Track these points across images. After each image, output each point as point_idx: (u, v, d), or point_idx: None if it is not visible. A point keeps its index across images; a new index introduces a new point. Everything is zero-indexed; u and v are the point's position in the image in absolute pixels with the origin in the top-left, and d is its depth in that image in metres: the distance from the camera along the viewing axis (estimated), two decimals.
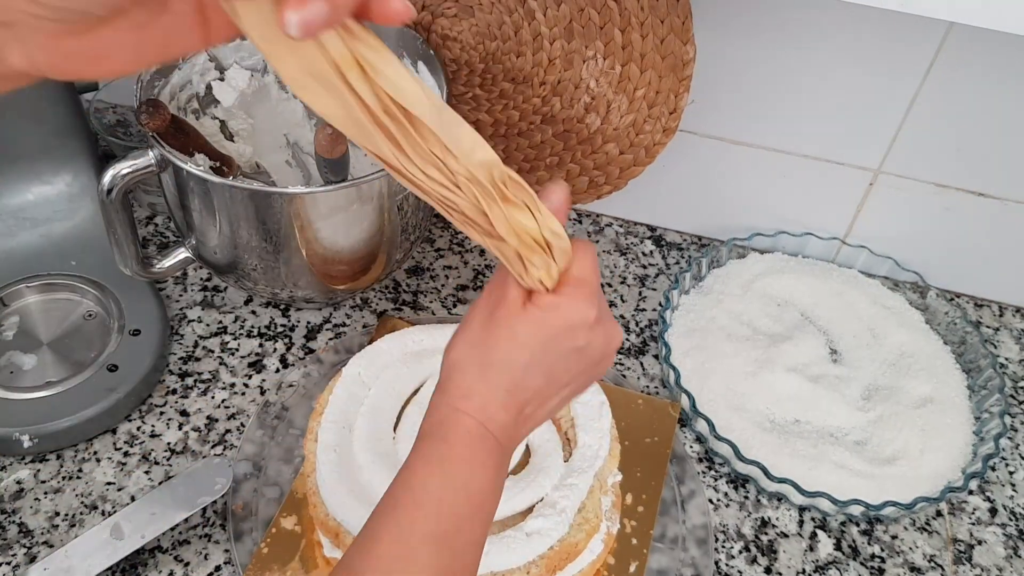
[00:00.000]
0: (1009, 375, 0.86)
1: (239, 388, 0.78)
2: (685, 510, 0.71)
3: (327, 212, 0.70)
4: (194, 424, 0.75)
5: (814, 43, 0.78)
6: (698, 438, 0.78)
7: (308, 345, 0.81)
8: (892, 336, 0.84)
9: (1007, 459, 0.80)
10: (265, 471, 0.70)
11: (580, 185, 0.89)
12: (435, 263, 0.90)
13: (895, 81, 0.79)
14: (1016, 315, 0.92)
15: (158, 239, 0.89)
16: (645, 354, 0.84)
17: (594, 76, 0.82)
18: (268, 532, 0.66)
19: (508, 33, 0.81)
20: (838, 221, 0.91)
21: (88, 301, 0.80)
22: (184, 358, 0.79)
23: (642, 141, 0.84)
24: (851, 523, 0.74)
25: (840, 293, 0.87)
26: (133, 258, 0.74)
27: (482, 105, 0.87)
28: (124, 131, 0.93)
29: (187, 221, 0.74)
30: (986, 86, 0.77)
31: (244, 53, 0.82)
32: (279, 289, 0.77)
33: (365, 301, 0.86)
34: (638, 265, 0.92)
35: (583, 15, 0.78)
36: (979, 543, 0.73)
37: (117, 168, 0.68)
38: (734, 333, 0.83)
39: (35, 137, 0.79)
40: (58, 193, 0.81)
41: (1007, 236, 0.87)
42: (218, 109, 0.83)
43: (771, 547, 0.71)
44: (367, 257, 0.76)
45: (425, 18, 0.82)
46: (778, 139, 0.86)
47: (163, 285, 0.85)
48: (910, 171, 0.85)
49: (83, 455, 0.72)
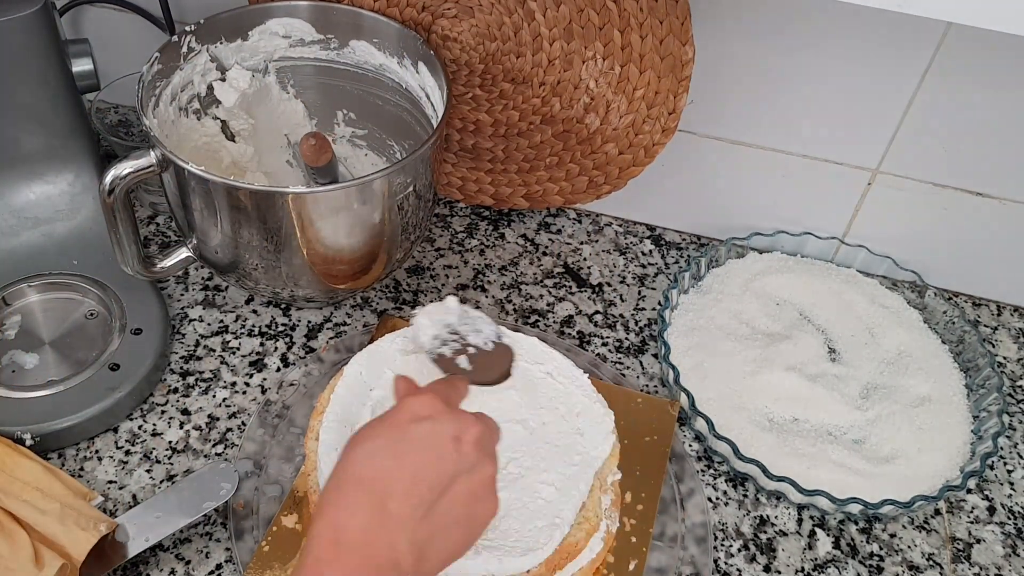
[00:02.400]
0: (1007, 374, 0.87)
1: (240, 387, 0.78)
2: (684, 508, 0.71)
3: (328, 212, 0.70)
4: (195, 423, 0.75)
5: (813, 43, 0.79)
6: (697, 437, 0.78)
7: (309, 344, 0.82)
8: (890, 335, 0.84)
9: (1005, 458, 0.80)
10: (266, 470, 0.71)
11: (579, 185, 0.89)
12: (435, 262, 0.90)
13: (893, 81, 0.79)
14: (1014, 314, 0.92)
15: (159, 238, 0.90)
16: (644, 353, 0.84)
17: (593, 76, 0.82)
18: (269, 531, 0.66)
19: (508, 34, 0.82)
20: (836, 221, 0.91)
21: (90, 300, 0.80)
22: (185, 357, 0.80)
23: (641, 141, 0.84)
24: (850, 521, 0.74)
25: (838, 292, 0.87)
26: (135, 257, 0.74)
27: (482, 105, 0.87)
28: (126, 131, 0.93)
29: (188, 221, 0.74)
30: (984, 86, 0.78)
31: (245, 54, 0.82)
32: (280, 288, 0.77)
33: (366, 300, 0.86)
34: (637, 264, 0.93)
35: (582, 16, 0.79)
36: (978, 542, 0.74)
37: (118, 168, 0.68)
38: (733, 332, 0.83)
39: (37, 137, 0.79)
40: (60, 193, 0.82)
41: (1005, 235, 0.87)
42: (219, 109, 0.83)
43: (770, 545, 0.72)
44: (368, 256, 0.76)
45: (425, 19, 0.83)
46: (777, 139, 0.86)
47: (164, 284, 0.85)
48: (908, 171, 0.85)
49: (85, 454, 0.72)
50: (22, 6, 0.73)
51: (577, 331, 0.86)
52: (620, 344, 0.85)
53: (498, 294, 0.88)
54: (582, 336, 0.85)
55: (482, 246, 0.93)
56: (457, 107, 0.88)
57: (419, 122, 0.84)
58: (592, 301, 0.89)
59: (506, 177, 0.91)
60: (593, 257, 0.93)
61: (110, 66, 0.86)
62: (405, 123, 0.85)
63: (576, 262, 0.92)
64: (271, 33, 0.82)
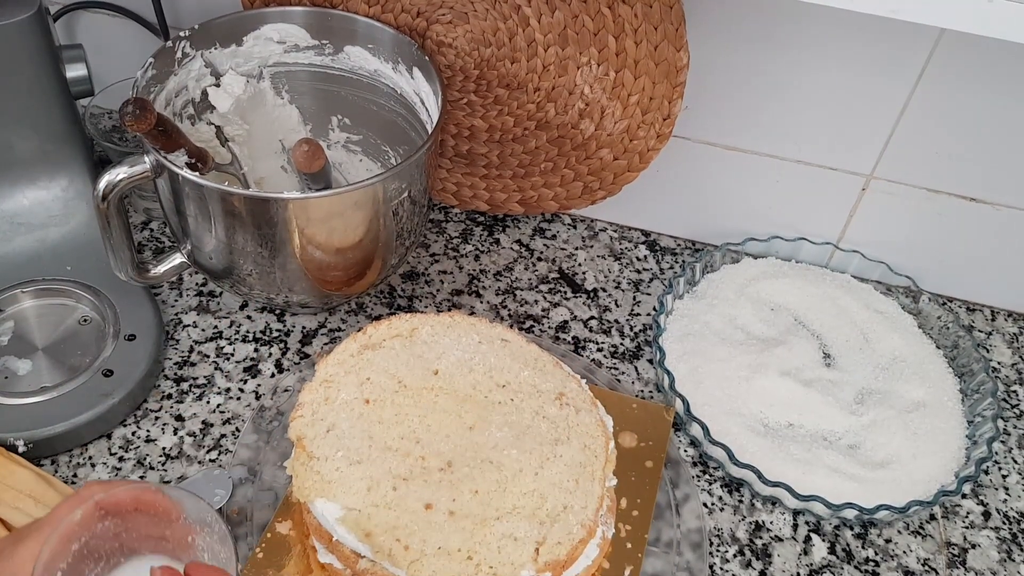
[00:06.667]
0: (1002, 379, 0.87)
1: (234, 393, 0.78)
2: (679, 514, 0.71)
3: (322, 217, 0.70)
4: (189, 429, 0.75)
5: (807, 49, 0.79)
6: (692, 442, 0.78)
7: (303, 350, 0.81)
8: (885, 340, 0.84)
9: (1000, 463, 0.80)
10: (260, 476, 0.71)
11: (574, 191, 0.89)
12: (430, 268, 0.90)
13: (887, 87, 0.79)
14: (1008, 319, 0.93)
15: (153, 244, 0.89)
16: (639, 358, 0.84)
17: (588, 82, 0.82)
18: (263, 537, 0.66)
19: (503, 39, 0.82)
20: (831, 226, 0.91)
21: (83, 306, 0.80)
22: (179, 363, 0.79)
23: (636, 147, 0.84)
24: (845, 527, 0.74)
25: (833, 298, 0.87)
26: (128, 263, 0.74)
27: (477, 111, 0.87)
28: (120, 136, 0.93)
29: (182, 226, 0.74)
30: (977, 92, 0.78)
31: (240, 59, 0.82)
32: (274, 294, 0.77)
33: (360, 306, 0.86)
34: (632, 270, 0.93)
35: (577, 22, 0.79)
36: (973, 547, 0.74)
37: (112, 174, 0.68)
38: (728, 337, 0.83)
39: (31, 142, 0.79)
40: (53, 198, 0.81)
41: (999, 241, 0.87)
42: (213, 115, 0.83)
43: (765, 551, 0.72)
44: (362, 262, 0.76)
45: (420, 24, 0.83)
46: (771, 145, 0.86)
47: (158, 290, 0.85)
48: (902, 176, 0.86)
49: (78, 460, 0.72)
50: (16, 11, 0.72)
51: (572, 336, 0.86)
52: (615, 349, 0.85)
53: (493, 300, 0.88)
54: (577, 341, 0.85)
55: (477, 251, 0.92)
56: (452, 113, 0.88)
57: (414, 128, 0.84)
58: (587, 306, 0.89)
59: (501, 183, 0.91)
60: (588, 262, 0.93)
61: (104, 71, 0.86)
62: (400, 129, 0.85)
63: (571, 267, 0.92)
64: (266, 39, 0.82)
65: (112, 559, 0.51)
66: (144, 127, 0.64)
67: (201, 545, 0.52)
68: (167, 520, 0.52)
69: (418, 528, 0.58)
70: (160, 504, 0.51)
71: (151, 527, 0.52)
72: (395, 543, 0.57)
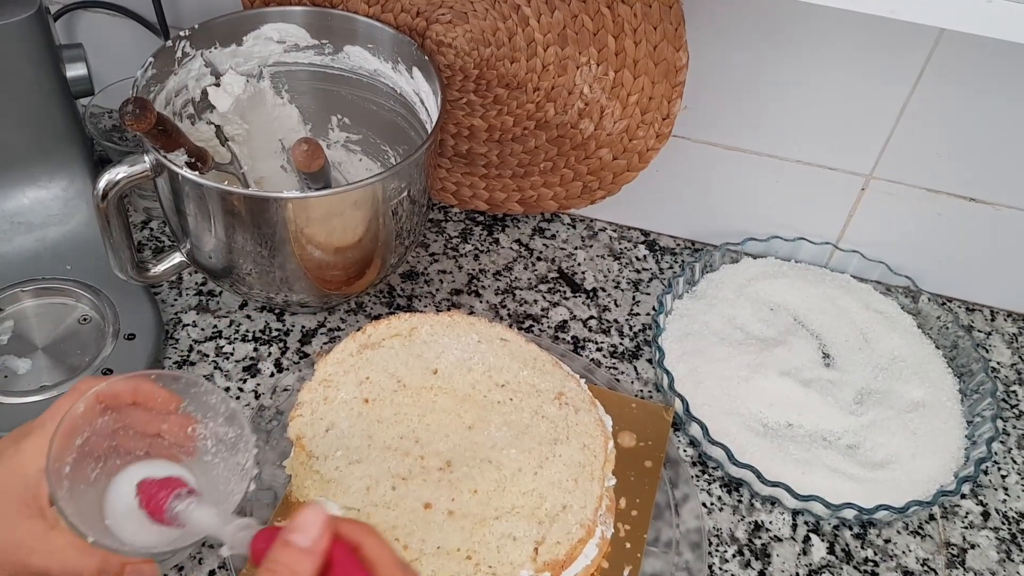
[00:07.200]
0: (1001, 379, 0.87)
1: (234, 392, 0.78)
2: (679, 514, 0.71)
3: (321, 217, 0.70)
4: None
5: (806, 49, 0.79)
6: (692, 442, 0.78)
7: (303, 349, 0.81)
8: (884, 340, 0.84)
9: (999, 463, 0.80)
10: (260, 475, 0.70)
11: (574, 190, 0.89)
12: (430, 267, 0.90)
13: (886, 87, 0.79)
14: (1008, 319, 0.93)
15: (153, 243, 0.89)
16: (639, 358, 0.84)
17: (588, 82, 0.82)
18: None
19: (502, 39, 0.82)
20: (830, 226, 0.91)
21: (83, 305, 0.80)
22: (179, 362, 0.79)
23: (635, 147, 0.84)
24: (844, 527, 0.74)
25: (832, 298, 0.87)
26: (128, 262, 0.74)
27: (476, 111, 0.87)
28: (120, 136, 0.93)
29: (182, 226, 0.74)
30: (977, 92, 0.78)
31: (240, 59, 0.82)
32: (274, 293, 0.77)
33: (360, 305, 0.86)
34: (632, 270, 0.93)
35: (577, 21, 0.79)
36: (972, 547, 0.74)
37: (112, 173, 0.68)
38: (727, 337, 0.83)
39: (31, 141, 0.79)
40: (53, 197, 0.82)
41: (998, 241, 0.88)
42: (213, 114, 0.83)
43: (764, 551, 0.72)
44: (362, 262, 0.76)
45: (419, 24, 0.83)
46: (771, 144, 0.86)
47: (158, 289, 0.85)
48: (901, 176, 0.86)
49: None
50: (16, 11, 0.72)
51: (571, 336, 0.86)
52: (614, 349, 0.85)
53: (492, 299, 0.88)
54: (576, 341, 0.85)
55: (476, 251, 0.93)
56: (451, 112, 0.88)
57: (413, 127, 0.84)
58: (586, 306, 0.89)
59: (500, 182, 0.91)
60: (587, 262, 0.93)
61: (104, 71, 0.86)
62: (399, 128, 0.85)
63: (570, 267, 0.92)
64: (265, 38, 0.82)
65: (109, 461, 0.50)
66: (144, 126, 0.65)
67: (203, 434, 0.50)
68: (164, 414, 0.51)
69: (417, 527, 0.58)
70: (158, 395, 0.50)
71: (148, 424, 0.51)
72: (394, 542, 0.57)
